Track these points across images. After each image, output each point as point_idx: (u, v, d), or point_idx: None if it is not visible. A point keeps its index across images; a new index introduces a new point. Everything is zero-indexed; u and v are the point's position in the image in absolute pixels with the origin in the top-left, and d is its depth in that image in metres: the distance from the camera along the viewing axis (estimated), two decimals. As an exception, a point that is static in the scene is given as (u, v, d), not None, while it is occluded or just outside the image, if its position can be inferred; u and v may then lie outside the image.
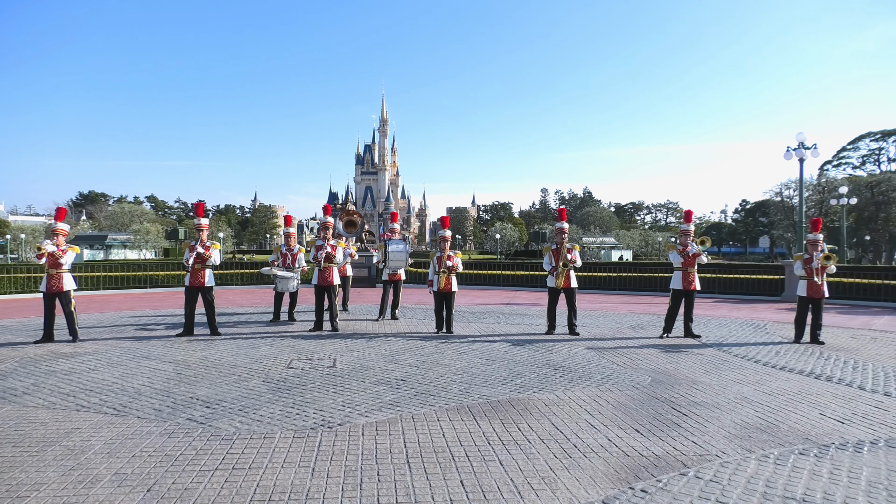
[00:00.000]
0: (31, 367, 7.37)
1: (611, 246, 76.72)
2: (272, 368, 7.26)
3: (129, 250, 64.29)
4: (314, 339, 9.52)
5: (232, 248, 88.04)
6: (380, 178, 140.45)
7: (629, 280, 20.01)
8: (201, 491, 3.64)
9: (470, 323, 11.54)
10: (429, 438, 4.65)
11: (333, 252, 10.40)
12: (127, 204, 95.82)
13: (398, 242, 11.81)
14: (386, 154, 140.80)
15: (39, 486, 3.72)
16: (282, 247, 12.05)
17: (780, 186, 69.53)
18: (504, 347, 8.79)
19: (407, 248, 11.87)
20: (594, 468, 4.05)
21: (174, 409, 5.49)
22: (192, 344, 8.98)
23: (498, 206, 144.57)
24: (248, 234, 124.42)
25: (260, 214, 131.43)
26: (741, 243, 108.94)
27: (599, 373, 7.10)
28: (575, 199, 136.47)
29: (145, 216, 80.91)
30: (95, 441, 4.58)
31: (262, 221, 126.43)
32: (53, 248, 9.01)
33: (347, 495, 3.59)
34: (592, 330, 10.66)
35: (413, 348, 8.69)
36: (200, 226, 9.95)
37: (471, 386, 6.40)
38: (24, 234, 72.91)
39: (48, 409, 5.48)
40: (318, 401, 5.78)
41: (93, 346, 8.76)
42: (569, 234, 10.51)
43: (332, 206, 12.86)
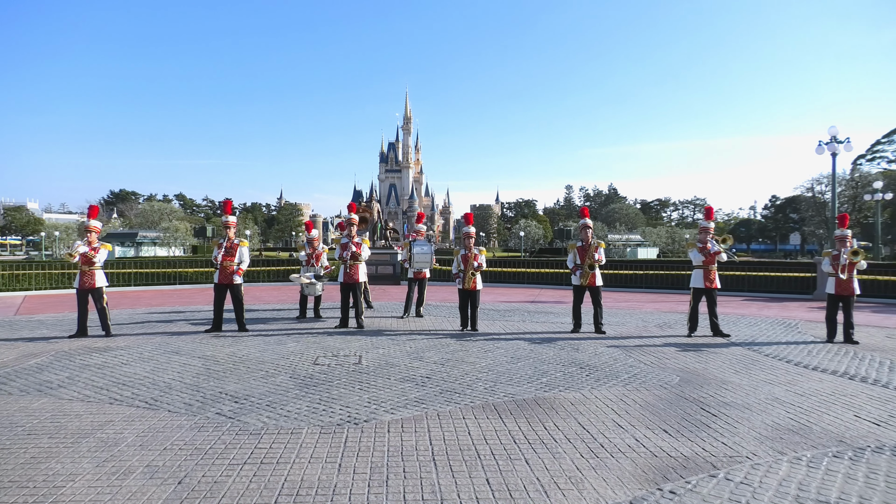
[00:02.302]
0: (66, 360, 7.56)
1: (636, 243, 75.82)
2: (299, 364, 7.33)
3: (159, 247, 65.48)
4: (340, 335, 9.59)
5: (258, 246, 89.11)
6: (403, 175, 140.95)
7: (655, 278, 19.77)
8: (230, 484, 3.70)
9: (495, 321, 11.52)
10: (454, 436, 4.65)
11: (359, 250, 10.46)
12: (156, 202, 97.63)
13: (423, 244, 11.86)
14: (409, 152, 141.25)
15: (74, 476, 3.81)
16: (306, 246, 12.20)
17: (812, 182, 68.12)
18: (529, 345, 8.75)
19: (432, 248, 11.93)
20: (621, 468, 4.01)
21: (203, 403, 5.58)
22: (220, 340, 9.12)
23: (522, 204, 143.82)
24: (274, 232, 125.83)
25: (286, 212, 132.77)
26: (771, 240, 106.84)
27: (626, 372, 7.03)
28: (600, 196, 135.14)
29: (174, 214, 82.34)
30: (128, 434, 4.67)
31: (288, 219, 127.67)
32: (85, 249, 9.21)
33: (374, 492, 3.61)
34: (619, 328, 10.56)
35: (438, 346, 8.70)
36: (228, 223, 10.09)
37: (496, 384, 6.39)
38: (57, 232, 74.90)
39: (82, 402, 5.61)
40: (344, 397, 5.82)
41: (125, 341, 8.95)
42: (594, 232, 10.41)
43: (356, 204, 12.93)
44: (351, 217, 10.99)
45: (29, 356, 7.82)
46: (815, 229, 68.17)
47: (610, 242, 69.79)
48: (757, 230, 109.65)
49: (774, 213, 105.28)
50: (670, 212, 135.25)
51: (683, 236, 76.12)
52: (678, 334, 9.94)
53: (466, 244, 10.37)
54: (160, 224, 71.96)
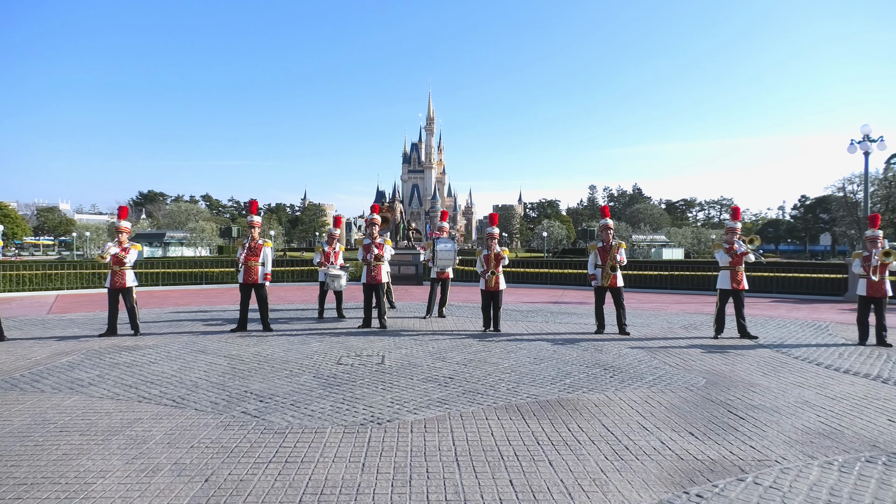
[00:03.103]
0: (97, 359, 7.72)
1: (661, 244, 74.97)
2: (322, 364, 7.39)
3: (186, 248, 66.61)
4: (363, 335, 9.64)
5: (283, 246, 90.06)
6: (426, 176, 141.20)
7: (681, 279, 19.51)
8: (256, 483, 3.74)
9: (517, 321, 11.47)
10: (477, 437, 4.65)
11: (381, 251, 10.50)
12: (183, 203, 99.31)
13: (446, 241, 11.83)
14: (432, 152, 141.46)
15: (105, 473, 3.89)
16: (323, 245, 12.20)
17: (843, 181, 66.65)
18: (552, 346, 8.70)
19: (455, 246, 11.89)
20: (647, 471, 3.96)
21: (229, 402, 5.66)
22: (245, 339, 9.23)
23: (545, 204, 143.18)
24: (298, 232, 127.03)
25: (310, 213, 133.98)
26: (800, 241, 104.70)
27: (651, 373, 6.95)
28: (624, 196, 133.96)
29: (200, 215, 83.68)
30: (156, 431, 4.76)
31: (312, 220, 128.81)
32: (116, 250, 9.40)
33: (397, 491, 3.62)
34: (643, 330, 10.44)
35: (460, 346, 8.70)
36: (253, 223, 10.21)
37: (519, 385, 6.37)
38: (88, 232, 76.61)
39: (112, 400, 5.73)
40: (367, 397, 5.85)
41: (153, 340, 9.11)
42: (616, 232, 10.32)
43: (379, 205, 13.00)
44: (373, 218, 11.04)
45: (61, 354, 8.00)
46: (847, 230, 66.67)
47: (634, 243, 69.09)
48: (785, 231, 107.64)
49: (804, 214, 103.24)
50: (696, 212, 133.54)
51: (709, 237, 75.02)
52: (704, 336, 9.80)
53: (489, 244, 10.34)
54: (187, 224, 73.19)
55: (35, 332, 10.00)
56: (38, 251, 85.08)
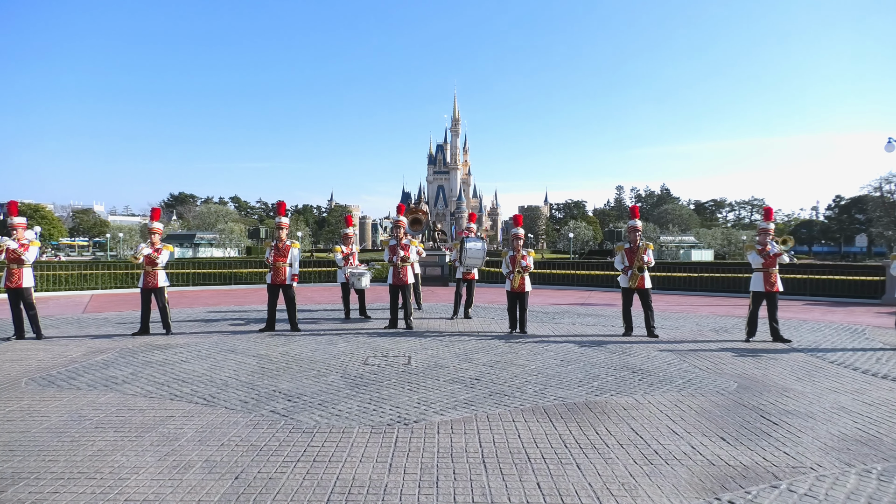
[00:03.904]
0: (130, 357, 7.89)
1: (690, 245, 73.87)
2: (349, 364, 7.44)
3: (215, 248, 67.65)
4: (389, 336, 9.68)
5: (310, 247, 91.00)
6: (451, 177, 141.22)
7: (710, 281, 19.19)
8: (285, 481, 3.78)
9: (544, 323, 11.41)
10: (504, 439, 4.63)
11: (407, 252, 10.54)
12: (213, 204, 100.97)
13: (476, 240, 11.71)
14: (458, 153, 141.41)
15: (138, 469, 3.97)
16: (341, 246, 12.24)
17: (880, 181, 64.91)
18: (579, 348, 8.63)
19: (484, 246, 11.78)
20: (677, 476, 3.90)
21: (258, 401, 5.73)
22: (273, 339, 9.35)
23: (571, 205, 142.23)
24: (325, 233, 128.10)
25: (336, 214, 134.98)
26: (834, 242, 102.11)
27: (681, 377, 6.84)
28: (652, 197, 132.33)
29: (229, 216, 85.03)
30: (188, 429, 4.84)
31: (338, 221, 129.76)
32: (149, 251, 9.60)
33: (424, 492, 3.63)
34: (672, 332, 10.29)
35: (487, 348, 8.68)
36: (281, 224, 10.33)
37: (546, 387, 6.33)
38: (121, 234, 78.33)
39: (145, 398, 5.85)
40: (394, 397, 5.87)
41: (184, 339, 9.28)
42: (644, 233, 10.18)
43: (405, 206, 13.03)
44: (399, 219, 11.08)
45: (96, 352, 8.20)
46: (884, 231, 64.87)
47: (662, 244, 68.23)
48: (819, 232, 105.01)
49: (838, 214, 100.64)
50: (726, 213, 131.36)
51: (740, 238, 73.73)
52: (735, 339, 9.62)
53: (515, 246, 10.30)
54: (216, 226, 74.43)
55: (71, 331, 10.27)
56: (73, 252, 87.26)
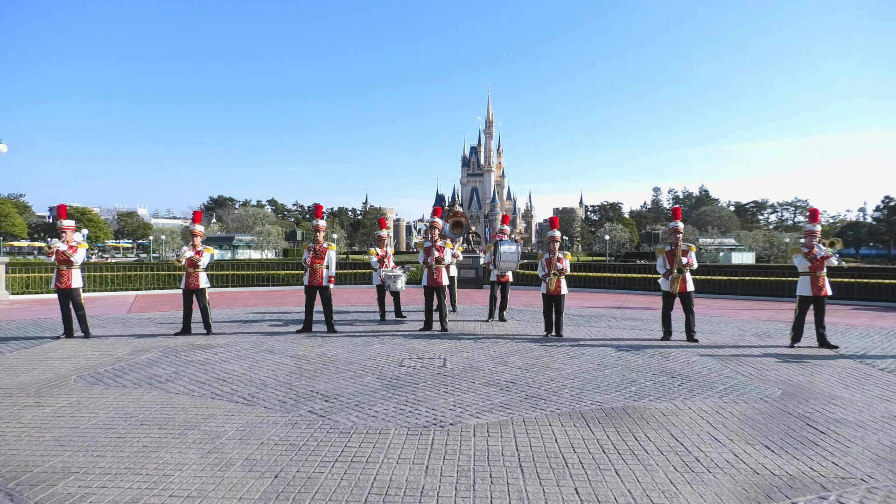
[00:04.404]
0: (173, 356, 8.10)
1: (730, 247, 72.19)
2: (385, 366, 7.49)
3: (253, 250, 68.94)
4: (424, 338, 9.71)
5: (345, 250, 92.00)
6: (485, 179, 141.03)
7: (752, 284, 18.71)
8: (323, 481, 3.82)
9: (580, 326, 11.29)
10: (541, 443, 4.59)
11: (441, 254, 10.56)
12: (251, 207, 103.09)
13: (510, 243, 11.67)
14: (491, 155, 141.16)
15: (182, 466, 4.07)
16: (376, 248, 12.34)
17: (933, 181, 62.33)
18: (617, 352, 8.51)
19: (518, 249, 11.73)
20: (719, 485, 3.81)
21: (296, 401, 5.81)
22: (310, 340, 9.47)
23: (607, 207, 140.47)
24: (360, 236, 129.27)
25: (371, 216, 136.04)
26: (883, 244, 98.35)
27: (722, 382, 6.68)
28: (690, 198, 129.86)
29: (267, 219, 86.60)
30: (228, 427, 4.94)
31: (373, 223, 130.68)
32: (191, 254, 9.84)
33: (461, 495, 3.62)
34: (712, 337, 10.06)
35: (522, 350, 8.63)
36: (318, 227, 10.47)
37: (583, 391, 6.25)
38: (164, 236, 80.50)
39: (188, 396, 5.99)
40: (429, 399, 5.88)
41: (224, 340, 9.48)
42: (684, 235, 9.97)
43: (440, 209, 13.06)
44: (434, 221, 11.12)
45: (140, 351, 8.44)
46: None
47: (701, 247, 66.81)
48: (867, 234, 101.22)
49: (888, 216, 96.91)
50: (767, 214, 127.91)
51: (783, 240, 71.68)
52: (779, 344, 9.35)
53: (551, 248, 10.22)
54: (254, 228, 75.86)
55: (117, 330, 10.59)
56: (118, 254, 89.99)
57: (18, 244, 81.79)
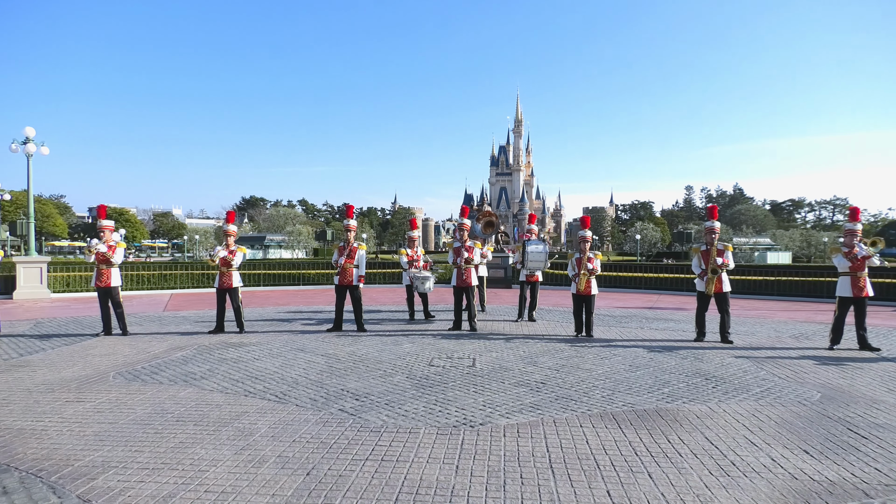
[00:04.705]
0: (207, 354, 8.25)
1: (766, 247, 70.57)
2: (415, 365, 7.51)
3: (284, 250, 69.78)
4: (453, 338, 9.71)
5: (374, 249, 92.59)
6: (514, 178, 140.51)
7: (788, 284, 18.26)
8: (354, 479, 3.85)
9: (611, 327, 11.16)
10: (572, 444, 4.55)
11: (471, 254, 10.54)
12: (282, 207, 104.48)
13: (537, 243, 11.63)
14: (520, 155, 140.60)
15: (216, 462, 4.14)
16: (406, 248, 12.38)
17: (981, 178, 60.04)
18: (648, 353, 8.39)
19: (546, 248, 11.68)
20: (756, 489, 3.72)
21: (327, 399, 5.87)
22: (341, 339, 9.55)
23: (637, 206, 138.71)
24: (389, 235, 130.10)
25: (400, 216, 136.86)
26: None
27: (758, 385, 6.53)
28: (724, 197, 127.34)
29: (297, 218, 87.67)
30: (261, 425, 5.01)
31: (402, 223, 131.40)
32: (224, 254, 10.01)
33: (491, 496, 3.61)
34: (748, 338, 9.85)
35: (552, 351, 8.57)
36: (349, 227, 10.55)
37: (614, 392, 6.18)
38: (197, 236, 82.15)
39: (221, 393, 6.10)
40: (459, 399, 5.88)
41: (256, 338, 9.62)
42: (719, 234, 9.76)
43: (469, 208, 13.04)
44: (463, 222, 11.11)
45: (176, 349, 8.62)
46: (985, 231, 59.94)
47: (736, 246, 65.43)
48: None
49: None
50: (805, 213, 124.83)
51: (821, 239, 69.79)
52: (817, 346, 9.10)
53: (581, 247, 10.12)
54: (285, 228, 76.86)
55: (153, 328, 10.84)
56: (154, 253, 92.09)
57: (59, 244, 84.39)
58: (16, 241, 55.33)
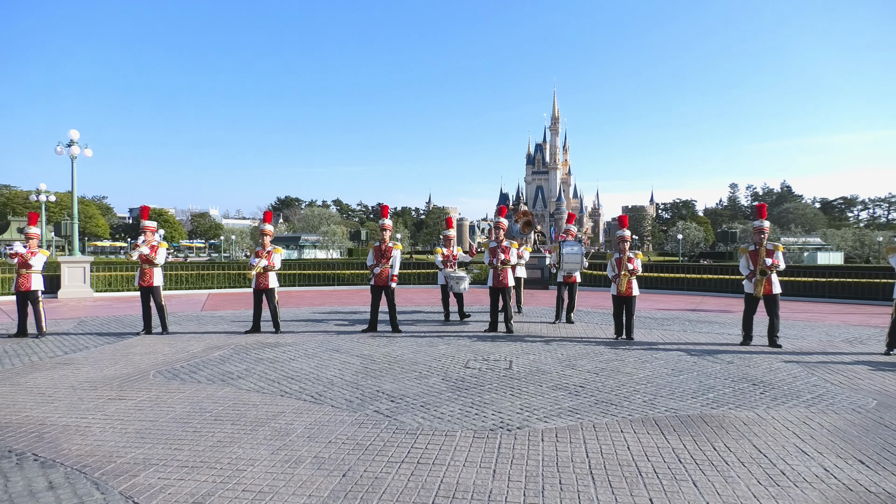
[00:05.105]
0: (243, 354, 8.41)
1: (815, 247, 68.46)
2: (450, 367, 7.52)
3: (319, 250, 70.70)
4: (489, 339, 9.69)
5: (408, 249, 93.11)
6: (551, 177, 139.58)
7: (841, 286, 17.66)
8: (390, 481, 3.87)
9: (652, 329, 10.98)
10: (612, 450, 4.49)
11: (507, 255, 10.48)
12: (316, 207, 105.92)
13: (573, 244, 11.56)
14: (557, 152, 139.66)
15: (254, 461, 4.21)
16: (442, 247, 12.37)
17: None
18: (692, 357, 8.22)
19: (582, 250, 11.58)
20: (808, 500, 3.61)
21: (363, 400, 5.92)
22: (376, 340, 9.63)
23: (679, 204, 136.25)
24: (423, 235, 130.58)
25: (434, 216, 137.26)
26: None
27: (809, 391, 6.34)
28: (771, 195, 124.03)
29: (332, 219, 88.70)
30: (297, 425, 5.09)
31: (436, 223, 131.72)
32: (265, 263, 10.13)
33: (529, 501, 3.58)
34: (797, 342, 9.56)
35: (591, 354, 8.47)
36: (385, 226, 10.63)
37: (656, 397, 6.07)
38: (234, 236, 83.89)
39: (258, 393, 6.21)
40: (495, 402, 5.86)
41: (292, 338, 9.77)
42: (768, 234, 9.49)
43: (506, 208, 13.00)
44: (499, 221, 11.07)
45: (213, 348, 8.82)
46: None
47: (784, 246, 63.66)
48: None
49: None
50: (858, 211, 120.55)
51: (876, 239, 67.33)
52: (873, 351, 8.78)
53: (621, 247, 9.99)
54: (319, 228, 77.83)
55: (191, 327, 11.11)
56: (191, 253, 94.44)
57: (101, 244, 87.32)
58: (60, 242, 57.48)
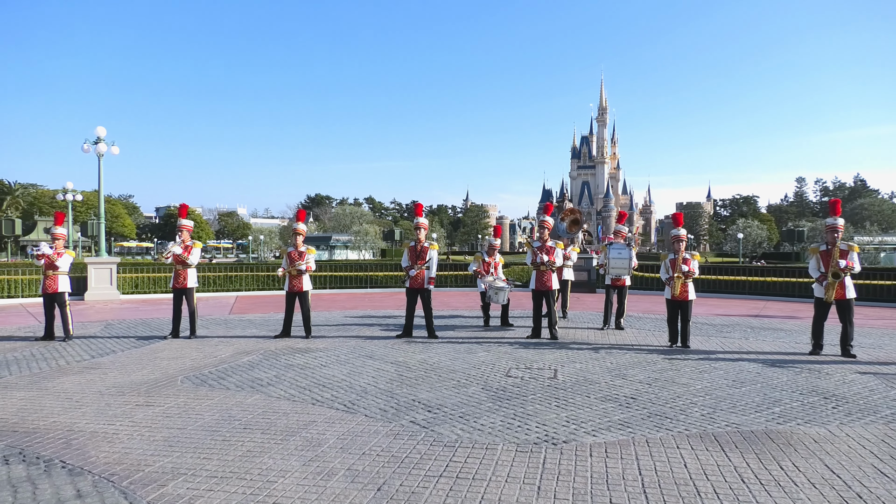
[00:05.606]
0: (273, 359, 8.56)
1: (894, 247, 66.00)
2: (490, 376, 7.51)
3: (350, 250, 71.45)
4: (532, 346, 9.64)
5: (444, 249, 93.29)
6: (598, 172, 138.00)
7: (924, 290, 16.99)
8: (427, 496, 3.87)
9: (710, 337, 10.76)
10: (667, 467, 4.41)
11: (551, 256, 10.38)
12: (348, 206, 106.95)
13: (620, 247, 11.44)
14: (605, 146, 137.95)
15: (285, 473, 4.28)
16: (483, 255, 12.32)
17: None
18: (755, 367, 8.03)
19: (631, 252, 11.45)
20: (888, 527, 3.48)
21: (398, 410, 5.95)
22: (411, 346, 9.68)
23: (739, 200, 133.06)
24: (460, 235, 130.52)
25: (472, 214, 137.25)
26: None
27: (888, 406, 6.11)
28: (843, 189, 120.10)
29: (364, 217, 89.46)
30: (329, 435, 5.14)
31: (474, 221, 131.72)
32: (303, 267, 10.31)
33: (577, 521, 3.55)
34: (874, 352, 9.24)
35: (643, 362, 8.35)
36: (420, 225, 10.66)
37: (715, 411, 5.95)
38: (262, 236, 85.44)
39: (288, 401, 6.31)
40: (539, 414, 5.83)
41: (323, 343, 9.90)
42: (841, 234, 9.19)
43: (551, 205, 12.90)
44: (544, 220, 10.98)
45: (242, 354, 9.00)
46: None
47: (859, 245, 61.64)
48: None
49: None
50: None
51: (963, 238, 64.51)
52: (961, 363, 8.42)
53: (675, 248, 9.82)
54: (351, 227, 78.61)
55: (219, 331, 11.36)
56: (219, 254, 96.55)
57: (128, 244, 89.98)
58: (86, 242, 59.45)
